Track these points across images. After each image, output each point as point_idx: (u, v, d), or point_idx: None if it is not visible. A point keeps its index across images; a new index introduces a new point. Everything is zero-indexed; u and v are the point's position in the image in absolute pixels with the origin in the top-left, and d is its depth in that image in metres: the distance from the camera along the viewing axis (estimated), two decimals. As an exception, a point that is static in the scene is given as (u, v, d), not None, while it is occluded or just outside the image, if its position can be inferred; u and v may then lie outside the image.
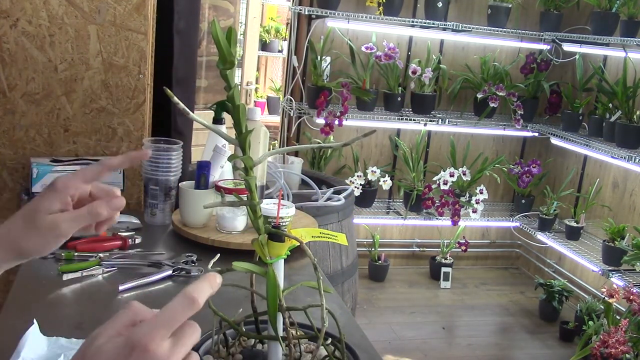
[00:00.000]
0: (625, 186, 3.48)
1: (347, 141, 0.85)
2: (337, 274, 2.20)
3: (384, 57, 3.42)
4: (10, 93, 1.61)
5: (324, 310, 0.79)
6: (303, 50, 3.60)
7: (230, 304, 1.12)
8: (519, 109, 3.66)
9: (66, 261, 1.30)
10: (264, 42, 5.53)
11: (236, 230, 1.48)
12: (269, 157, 2.08)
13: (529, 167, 3.72)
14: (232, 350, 0.86)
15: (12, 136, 1.64)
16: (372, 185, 3.65)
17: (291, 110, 3.61)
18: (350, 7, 3.56)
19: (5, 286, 1.62)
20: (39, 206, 0.79)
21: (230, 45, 0.76)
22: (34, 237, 0.79)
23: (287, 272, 1.06)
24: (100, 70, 1.66)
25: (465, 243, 3.88)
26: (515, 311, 3.66)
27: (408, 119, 3.59)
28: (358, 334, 1.11)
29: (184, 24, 1.79)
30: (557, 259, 3.94)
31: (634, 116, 3.14)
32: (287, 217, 1.40)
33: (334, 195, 2.28)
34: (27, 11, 1.57)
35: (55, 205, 0.79)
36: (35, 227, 0.79)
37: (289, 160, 2.55)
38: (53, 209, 0.79)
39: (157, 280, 1.26)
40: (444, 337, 3.27)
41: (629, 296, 2.53)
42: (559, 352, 3.22)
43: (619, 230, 3.17)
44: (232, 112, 0.79)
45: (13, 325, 1.01)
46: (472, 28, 3.57)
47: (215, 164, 1.52)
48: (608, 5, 3.31)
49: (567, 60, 3.83)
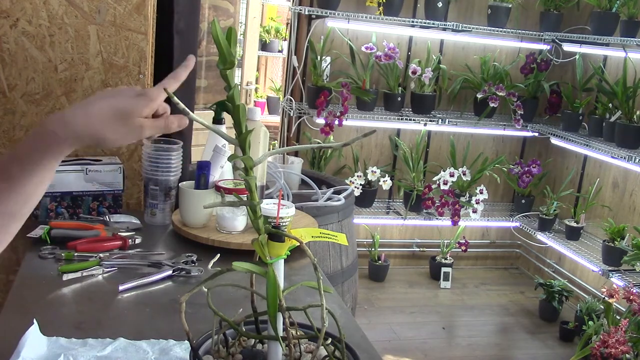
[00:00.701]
0: (625, 186, 3.48)
1: (347, 141, 0.85)
2: (337, 274, 2.20)
3: (384, 57, 3.42)
4: (10, 93, 1.61)
5: (324, 310, 0.79)
6: (303, 50, 3.60)
7: (230, 304, 1.12)
8: (519, 109, 3.66)
9: (66, 261, 1.30)
10: (264, 42, 5.53)
11: (236, 230, 1.48)
12: (269, 157, 2.08)
13: (529, 167, 3.72)
14: (232, 350, 0.86)
15: (12, 136, 1.64)
16: (372, 185, 3.65)
17: (291, 110, 3.61)
18: (350, 7, 3.56)
19: (5, 286, 1.62)
20: (133, 108, 0.89)
21: (230, 45, 0.76)
22: (119, 131, 0.88)
23: (287, 272, 1.06)
24: (100, 70, 1.66)
25: (465, 243, 3.88)
26: (515, 311, 3.66)
27: (408, 119, 3.59)
28: (358, 334, 1.11)
29: (184, 24, 1.79)
30: (557, 259, 3.94)
31: (634, 116, 3.14)
32: (287, 217, 1.40)
33: (334, 195, 2.28)
34: (27, 11, 1.57)
35: (146, 112, 0.90)
36: (124, 124, 0.88)
37: (289, 160, 2.55)
38: (143, 114, 0.90)
39: (157, 280, 1.26)
40: (444, 337, 3.27)
41: (629, 296, 2.53)
42: (559, 352, 3.22)
43: (619, 230, 3.17)
44: (232, 112, 0.79)
45: (13, 325, 1.01)
46: (472, 28, 3.57)
47: (215, 164, 1.52)
48: (608, 5, 3.31)
49: (567, 60, 3.83)
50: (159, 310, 1.15)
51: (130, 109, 0.88)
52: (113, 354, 0.97)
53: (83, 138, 0.87)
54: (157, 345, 1.00)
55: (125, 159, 1.73)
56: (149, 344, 1.00)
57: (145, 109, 0.90)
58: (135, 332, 1.04)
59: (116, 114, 0.88)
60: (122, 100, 0.89)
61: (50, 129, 0.85)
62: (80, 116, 0.87)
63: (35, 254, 1.32)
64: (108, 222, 1.51)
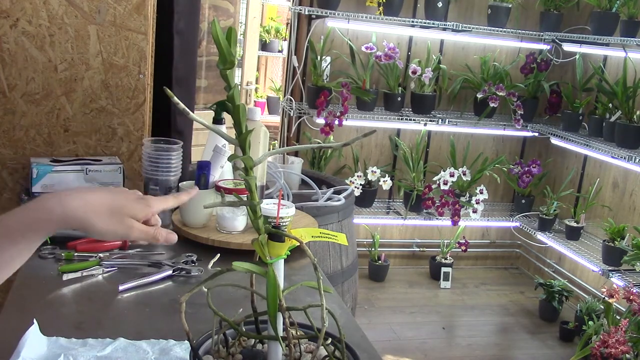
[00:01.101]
0: (625, 186, 3.48)
1: (347, 141, 0.85)
2: (337, 274, 2.20)
3: (384, 57, 3.42)
4: (10, 93, 1.61)
5: (324, 310, 0.79)
6: (303, 50, 3.60)
7: (230, 304, 1.12)
8: (519, 109, 3.66)
9: (66, 261, 1.30)
10: (264, 42, 5.53)
11: (236, 230, 1.48)
12: (269, 157, 2.08)
13: (529, 167, 3.72)
14: (232, 350, 0.86)
15: (12, 136, 1.64)
16: (372, 185, 3.65)
17: (291, 110, 3.61)
18: (350, 7, 3.56)
19: (5, 286, 1.61)
20: (129, 209, 0.92)
21: (230, 45, 0.76)
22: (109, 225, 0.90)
23: (287, 272, 1.06)
24: (100, 70, 1.66)
25: (465, 243, 3.88)
26: (515, 311, 3.66)
27: (408, 119, 3.59)
28: (358, 334, 1.11)
29: (184, 24, 1.79)
30: (557, 259, 3.94)
31: (634, 116, 3.14)
32: (287, 217, 1.40)
33: (334, 195, 2.28)
34: (27, 11, 1.57)
35: (140, 216, 0.94)
36: (116, 221, 0.91)
37: (289, 160, 2.55)
38: (137, 217, 0.93)
39: (157, 280, 1.26)
40: (444, 337, 3.27)
41: (629, 296, 2.53)
42: (559, 352, 3.22)
43: (619, 230, 3.17)
44: (232, 112, 0.79)
45: (13, 325, 1.01)
46: (472, 28, 3.57)
47: (215, 164, 1.52)
48: (608, 5, 3.31)
49: (567, 60, 3.83)
50: (159, 310, 1.15)
51: (126, 208, 0.92)
52: (113, 354, 0.97)
53: (72, 221, 0.88)
54: (157, 345, 1.00)
55: (125, 159, 1.73)
56: (149, 344, 1.00)
57: (141, 213, 0.94)
58: (135, 332, 1.04)
59: (111, 209, 0.91)
60: (121, 199, 0.94)
61: (47, 205, 0.87)
62: (76, 199, 0.89)
63: (35, 254, 1.32)
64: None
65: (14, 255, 0.86)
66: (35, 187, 1.53)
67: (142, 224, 0.94)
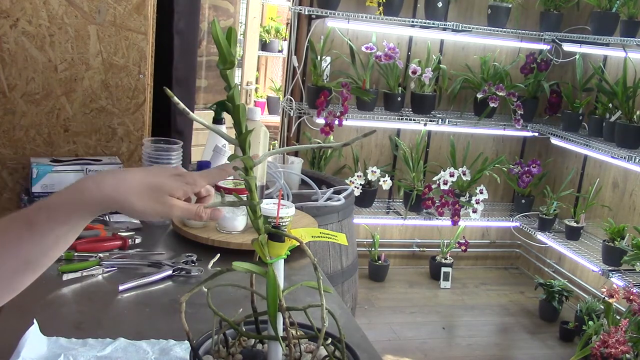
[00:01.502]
0: (625, 186, 3.48)
1: (347, 141, 0.85)
2: (337, 274, 2.20)
3: (384, 57, 3.42)
4: (10, 93, 1.61)
5: (324, 310, 0.79)
6: (303, 50, 3.60)
7: (230, 304, 1.12)
8: (519, 109, 3.66)
9: (66, 261, 1.30)
10: (264, 42, 5.52)
11: (236, 230, 1.48)
12: (269, 157, 2.08)
13: (529, 167, 3.72)
14: (232, 350, 0.86)
15: (12, 136, 1.64)
16: (372, 185, 3.65)
17: (291, 110, 3.61)
18: (350, 7, 3.56)
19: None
20: (167, 186, 0.89)
21: (230, 45, 0.76)
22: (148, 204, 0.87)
23: (287, 272, 1.06)
24: (100, 70, 1.66)
25: (465, 243, 3.88)
26: (515, 311, 3.66)
27: (408, 119, 3.59)
28: (358, 334, 1.12)
29: (184, 24, 1.80)
30: (557, 259, 3.94)
31: (634, 116, 3.14)
32: (287, 217, 1.40)
33: (334, 195, 2.28)
34: (27, 11, 1.57)
35: (179, 194, 0.90)
36: (155, 200, 0.88)
37: (289, 160, 2.55)
38: (176, 195, 0.89)
39: (157, 280, 1.26)
40: (444, 337, 3.27)
41: (629, 296, 2.53)
42: (559, 352, 3.22)
43: (619, 230, 3.17)
44: (232, 112, 0.79)
45: (13, 325, 1.01)
46: (472, 28, 3.57)
47: (215, 164, 1.52)
48: (608, 5, 3.31)
49: (567, 60, 3.83)
50: (159, 310, 1.15)
51: (163, 186, 0.89)
52: (113, 354, 0.97)
53: (110, 201, 0.87)
54: (157, 345, 1.00)
55: (125, 159, 1.73)
56: (149, 344, 1.00)
57: (179, 190, 0.90)
58: (135, 332, 1.04)
59: (150, 187, 0.88)
60: (159, 176, 0.90)
61: (85, 185, 0.86)
62: (111, 179, 0.87)
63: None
64: (108, 221, 1.51)
65: (60, 236, 0.85)
66: (35, 187, 1.53)
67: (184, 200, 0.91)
